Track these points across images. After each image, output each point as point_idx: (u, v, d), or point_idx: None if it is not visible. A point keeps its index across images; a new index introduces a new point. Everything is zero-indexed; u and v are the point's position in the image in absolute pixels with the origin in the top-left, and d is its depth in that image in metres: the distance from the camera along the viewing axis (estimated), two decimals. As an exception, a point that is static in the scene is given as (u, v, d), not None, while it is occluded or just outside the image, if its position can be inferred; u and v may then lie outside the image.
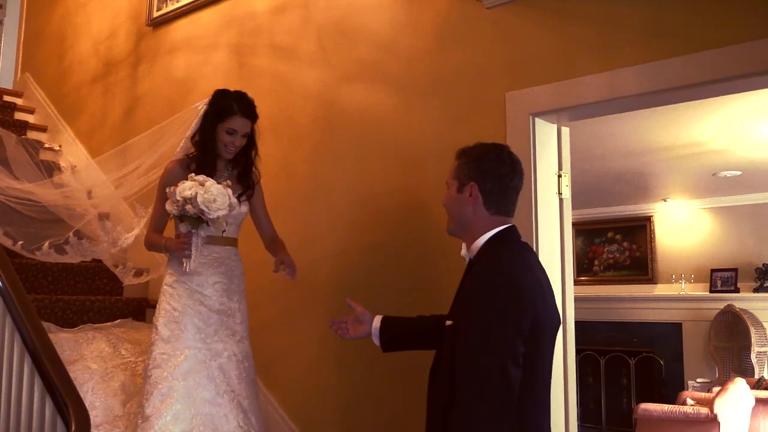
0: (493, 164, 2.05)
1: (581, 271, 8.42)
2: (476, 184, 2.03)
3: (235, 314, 2.92)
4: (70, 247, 3.36)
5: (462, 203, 2.06)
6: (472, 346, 1.83)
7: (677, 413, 4.49)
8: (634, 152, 5.87)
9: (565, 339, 2.74)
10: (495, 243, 2.02)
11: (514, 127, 2.78)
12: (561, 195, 2.84)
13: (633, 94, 2.52)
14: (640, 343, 7.82)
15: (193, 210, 2.65)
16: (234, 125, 2.87)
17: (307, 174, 3.61)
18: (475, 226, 2.04)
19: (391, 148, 3.24)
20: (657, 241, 7.99)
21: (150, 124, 4.64)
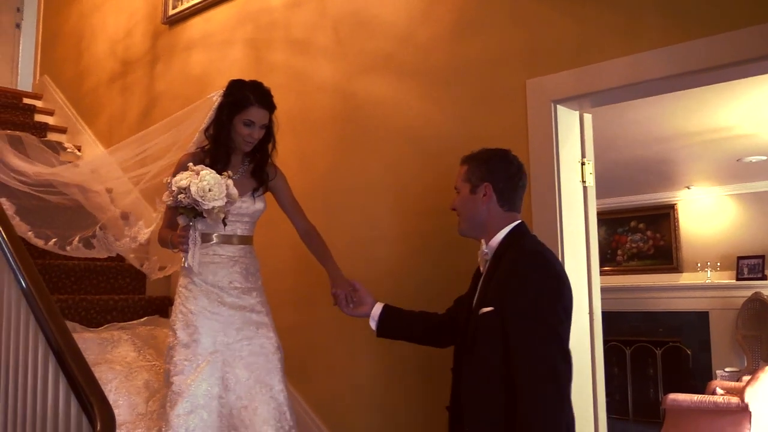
0: (502, 165, 2.25)
1: (604, 261, 8.33)
2: (490, 184, 2.21)
3: (256, 308, 2.82)
4: (96, 241, 3.33)
5: (476, 203, 2.23)
6: (533, 328, 1.96)
7: (707, 403, 4.42)
8: (657, 139, 5.79)
9: (592, 330, 2.71)
10: (517, 235, 2.19)
11: (535, 115, 2.74)
12: (585, 183, 2.80)
13: (656, 78, 2.47)
14: (666, 333, 7.73)
15: (187, 200, 2.52)
16: (252, 116, 2.74)
17: (325, 168, 3.59)
18: (491, 223, 2.21)
19: (410, 139, 3.21)
20: (681, 229, 7.88)
21: (168, 122, 4.66)
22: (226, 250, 2.80)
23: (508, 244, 2.16)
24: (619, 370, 7.93)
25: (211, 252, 2.78)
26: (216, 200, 2.51)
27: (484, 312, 2.08)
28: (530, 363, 1.95)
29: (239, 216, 2.81)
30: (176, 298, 2.80)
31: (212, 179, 2.51)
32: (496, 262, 2.15)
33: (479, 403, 2.08)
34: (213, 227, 2.73)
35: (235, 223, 2.81)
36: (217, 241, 2.79)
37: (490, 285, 2.12)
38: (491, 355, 2.04)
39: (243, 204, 2.79)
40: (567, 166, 2.74)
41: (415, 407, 3.08)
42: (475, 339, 2.11)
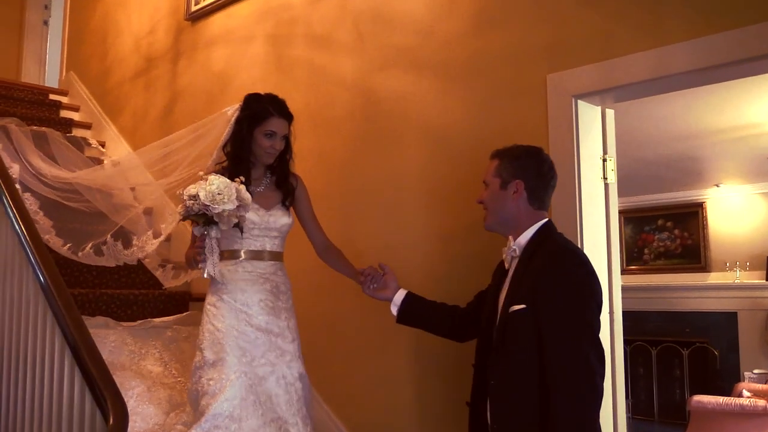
0: (535, 163, 2.24)
1: (631, 260, 8.23)
2: (522, 181, 2.20)
3: (284, 333, 2.72)
4: (106, 249, 3.27)
5: (506, 199, 2.22)
6: (568, 326, 1.97)
7: (733, 405, 4.33)
8: (685, 136, 5.69)
9: (612, 329, 2.65)
10: (546, 233, 2.19)
11: (555, 111, 2.69)
12: (606, 180, 2.75)
13: (682, 72, 2.41)
14: (693, 333, 7.61)
15: (197, 207, 2.46)
16: (273, 127, 2.71)
17: (344, 164, 3.57)
18: (520, 220, 2.21)
19: (430, 136, 3.18)
20: (710, 228, 7.75)
21: (190, 119, 4.67)
22: (255, 266, 2.72)
23: (538, 242, 2.16)
24: (644, 370, 7.84)
25: (240, 269, 2.70)
26: (226, 203, 2.46)
27: (515, 310, 2.07)
28: (565, 361, 1.95)
29: (267, 230, 2.74)
30: (203, 315, 2.73)
31: (221, 183, 2.47)
32: (526, 260, 2.14)
33: (509, 401, 2.08)
34: (237, 240, 2.66)
35: (263, 238, 2.74)
36: (246, 257, 2.71)
37: (521, 283, 2.11)
38: (522, 353, 2.04)
39: (271, 218, 2.73)
40: (588, 162, 2.69)
41: (432, 402, 3.04)
42: (505, 337, 2.10)
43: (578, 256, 2.10)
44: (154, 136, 4.97)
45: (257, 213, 2.70)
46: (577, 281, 2.03)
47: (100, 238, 3.31)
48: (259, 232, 2.72)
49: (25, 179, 3.44)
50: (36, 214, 3.36)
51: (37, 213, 3.42)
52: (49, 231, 3.40)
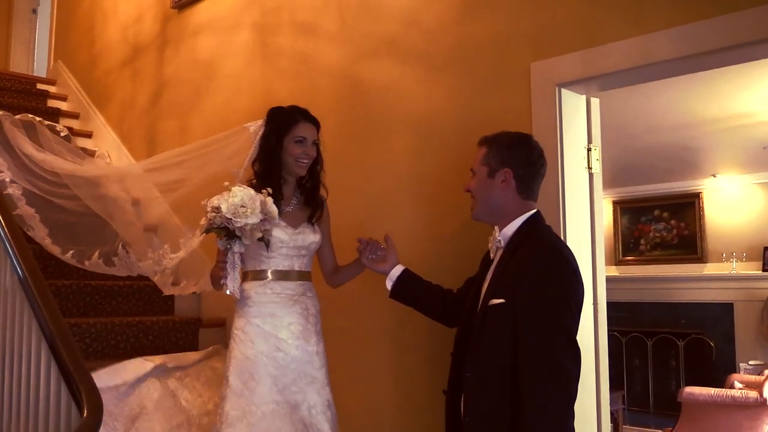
0: (524, 151, 2.20)
1: (627, 251, 8.22)
2: (510, 170, 2.16)
3: (314, 359, 2.60)
4: (118, 260, 3.16)
5: (494, 188, 2.18)
6: (545, 325, 1.94)
7: (724, 397, 4.34)
8: (679, 125, 5.68)
9: (596, 321, 2.65)
10: (533, 226, 2.15)
11: (539, 99, 2.68)
12: (591, 170, 2.74)
13: (667, 59, 2.39)
14: (688, 325, 7.61)
15: (220, 220, 2.35)
16: (302, 132, 2.64)
17: (329, 154, 3.53)
18: (508, 210, 2.17)
19: (416, 124, 3.17)
20: (706, 219, 7.73)
21: (175, 109, 4.67)
22: (284, 287, 2.60)
23: (524, 235, 2.13)
24: (640, 361, 7.85)
25: (269, 290, 2.59)
26: (249, 217, 2.34)
27: (495, 303, 2.05)
28: (538, 358, 1.93)
29: (297, 249, 2.64)
30: (231, 341, 2.59)
31: (244, 194, 2.36)
32: (510, 253, 2.12)
33: (482, 396, 2.06)
34: (263, 260, 2.57)
35: (292, 258, 2.63)
36: (274, 278, 2.59)
37: (503, 276, 2.09)
38: (498, 349, 2.02)
39: (299, 236, 2.64)
40: (572, 151, 2.67)
41: (413, 391, 3.04)
42: (483, 329, 2.09)
43: (562, 254, 2.06)
44: (141, 126, 4.99)
45: (285, 231, 2.60)
46: (558, 280, 2.00)
47: (109, 248, 3.19)
48: (288, 251, 2.60)
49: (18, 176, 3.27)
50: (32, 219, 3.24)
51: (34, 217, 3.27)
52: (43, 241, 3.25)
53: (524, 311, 1.97)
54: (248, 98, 4.11)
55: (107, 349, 3.44)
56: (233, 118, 4.21)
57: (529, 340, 1.95)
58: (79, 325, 3.38)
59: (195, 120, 4.52)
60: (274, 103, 3.88)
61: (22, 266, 2.63)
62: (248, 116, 4.05)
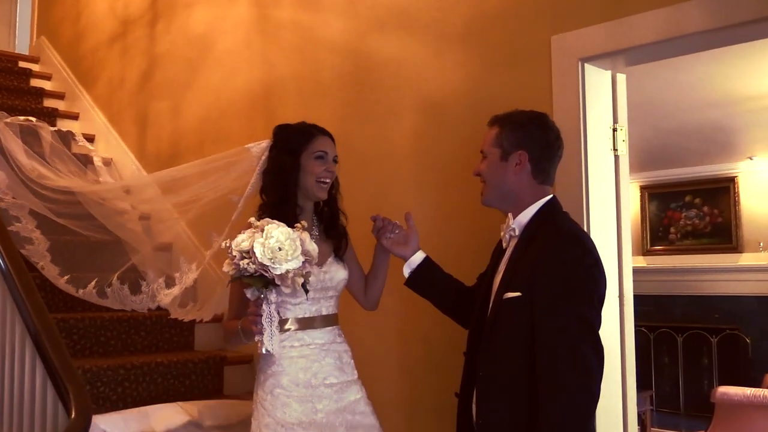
0: (540, 131, 2.16)
1: (655, 240, 8.20)
2: (526, 152, 2.12)
3: (360, 406, 2.45)
4: (111, 291, 3.06)
5: (507, 172, 2.14)
6: (565, 319, 1.92)
7: (761, 398, 4.32)
8: (713, 103, 5.64)
9: (623, 315, 2.65)
10: (550, 212, 2.13)
11: (561, 76, 2.67)
12: (616, 151, 2.73)
13: (700, 31, 2.37)
14: (722, 320, 7.58)
15: (253, 266, 2.10)
16: (322, 146, 2.45)
17: (333, 132, 3.53)
18: (523, 195, 2.14)
19: (425, 102, 3.16)
20: (742, 205, 7.69)
21: (169, 87, 4.68)
22: (312, 336, 2.40)
23: (540, 222, 2.10)
24: (669, 359, 7.84)
25: (296, 342, 2.38)
26: (290, 261, 2.11)
27: (510, 297, 2.03)
28: (558, 355, 1.91)
29: (323, 290, 2.44)
30: (256, 407, 2.38)
31: (282, 234, 2.12)
32: (525, 242, 2.09)
33: (496, 397, 2.05)
34: (288, 307, 2.36)
35: (319, 301, 2.43)
36: (298, 327, 2.38)
37: (518, 267, 2.06)
38: (514, 344, 2.00)
39: (326, 274, 2.44)
40: (596, 132, 2.66)
41: (422, 393, 3.05)
42: (497, 324, 2.07)
43: (583, 243, 2.03)
44: (132, 106, 4.99)
45: (314, 271, 2.37)
46: (579, 271, 1.97)
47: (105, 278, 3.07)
48: (314, 293, 2.39)
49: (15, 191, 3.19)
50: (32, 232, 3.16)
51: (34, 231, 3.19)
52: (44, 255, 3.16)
53: (542, 304, 1.95)
54: (246, 76, 4.11)
55: (120, 394, 3.31)
56: (230, 97, 4.22)
57: (547, 335, 1.93)
58: (88, 369, 3.20)
59: (189, 100, 4.52)
60: (274, 81, 3.91)
61: (3, 256, 2.64)
62: (247, 96, 4.09)
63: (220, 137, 4.30)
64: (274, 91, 3.94)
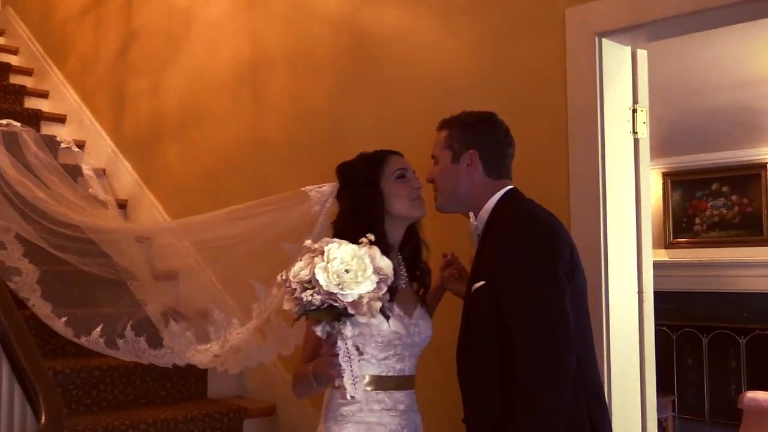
0: (488, 129, 2.29)
1: (679, 232, 8.21)
2: (476, 151, 2.24)
3: None
4: (123, 342, 2.87)
5: (459, 174, 2.27)
6: (525, 297, 2.01)
7: (793, 403, 4.35)
8: (743, 83, 5.65)
9: (642, 313, 2.66)
10: (506, 200, 2.23)
11: (576, 51, 2.66)
12: (636, 134, 2.73)
13: (727, 4, 2.37)
14: (752, 318, 7.61)
15: (320, 297, 1.92)
16: (399, 164, 2.37)
17: (328, 114, 3.57)
18: (478, 194, 2.26)
19: (428, 79, 3.17)
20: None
21: (148, 62, 4.68)
22: (394, 399, 2.26)
23: (499, 210, 2.20)
24: (693, 361, 7.86)
25: (376, 405, 2.24)
26: (361, 283, 1.92)
27: (476, 288, 2.11)
28: (524, 337, 1.98)
29: (412, 347, 2.31)
30: None
31: (346, 253, 1.94)
32: (486, 232, 2.20)
33: (477, 393, 2.12)
34: (370, 363, 2.21)
35: (404, 359, 2.30)
36: (377, 387, 2.23)
37: (482, 257, 2.16)
38: (486, 335, 2.07)
39: (416, 327, 2.32)
40: (614, 113, 2.66)
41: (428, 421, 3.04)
42: (469, 321, 2.15)
43: (537, 216, 2.14)
44: (107, 83, 5.00)
45: (402, 321, 2.27)
46: (534, 246, 2.06)
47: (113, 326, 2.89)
48: (402, 348, 2.27)
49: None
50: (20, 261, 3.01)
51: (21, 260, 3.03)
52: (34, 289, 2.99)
53: (503, 288, 2.04)
54: (233, 50, 4.11)
55: (95, 398, 3.27)
56: (215, 73, 4.22)
57: (513, 319, 2.01)
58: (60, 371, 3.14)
59: (171, 77, 4.53)
60: (263, 56, 3.91)
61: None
62: (233, 72, 4.09)
63: (204, 117, 4.30)
64: (263, 67, 3.94)
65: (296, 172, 3.54)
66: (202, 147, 4.34)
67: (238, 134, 4.10)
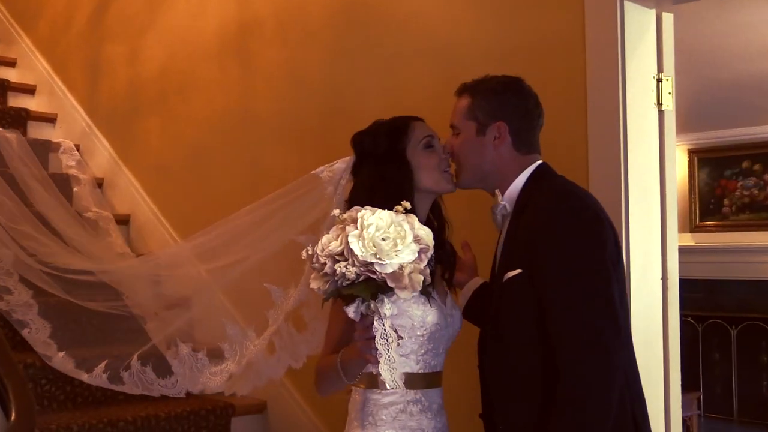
0: (518, 98, 2.25)
1: (706, 214, 8.21)
2: (505, 122, 2.20)
3: None
4: (128, 375, 2.93)
5: (485, 147, 2.22)
6: (573, 291, 1.98)
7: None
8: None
9: (666, 301, 2.68)
10: (538, 177, 2.20)
11: (595, 15, 2.66)
12: (661, 106, 2.73)
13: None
14: (785, 309, 7.65)
15: (355, 269, 1.85)
16: (425, 131, 2.31)
17: (322, 83, 3.57)
18: (506, 169, 2.23)
19: (432, 48, 3.17)
20: (810, 173, 7.74)
21: (125, 27, 4.67)
22: (429, 398, 2.22)
23: (531, 190, 2.17)
24: (721, 355, 7.89)
25: (414, 407, 2.20)
26: (401, 252, 1.85)
27: (510, 277, 2.07)
28: (569, 333, 1.96)
29: (447, 339, 2.27)
30: None
31: (381, 219, 1.87)
32: (518, 214, 2.15)
33: (510, 392, 2.09)
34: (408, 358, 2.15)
35: (438, 353, 2.25)
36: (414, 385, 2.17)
37: (515, 243, 2.11)
38: (523, 327, 2.05)
39: (450, 318, 2.27)
40: (637, 83, 2.66)
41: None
42: (501, 313, 2.11)
43: (580, 199, 2.11)
44: (80, 51, 4.99)
45: (441, 311, 2.22)
46: (580, 232, 2.03)
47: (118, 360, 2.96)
48: (439, 342, 2.23)
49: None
50: None
51: None
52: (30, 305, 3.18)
53: (545, 279, 2.01)
54: (218, 13, 4.10)
55: (68, 393, 3.31)
56: (198, 39, 4.22)
57: (556, 313, 1.99)
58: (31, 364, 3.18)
59: (150, 43, 4.52)
60: (251, 19, 3.91)
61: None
62: (218, 38, 4.08)
63: (187, 87, 4.30)
64: (251, 32, 3.93)
65: (289, 147, 3.55)
66: (185, 120, 4.34)
67: (224, 106, 4.10)
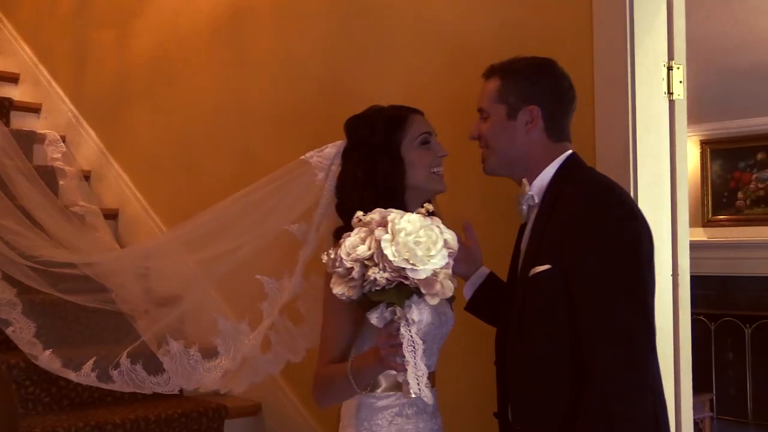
0: (551, 81, 2.24)
1: (719, 208, 8.22)
2: (538, 107, 2.19)
3: None
4: (118, 374, 2.92)
5: (516, 132, 2.21)
6: (608, 291, 1.97)
7: None
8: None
9: (676, 298, 2.66)
10: (572, 169, 2.19)
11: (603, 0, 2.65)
12: (672, 95, 2.71)
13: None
14: (801, 307, 7.66)
15: (386, 274, 1.85)
16: (424, 127, 2.34)
17: (320, 74, 3.57)
18: (536, 157, 2.21)
19: (434, 34, 3.16)
20: (827, 165, 7.74)
21: (112, 13, 4.67)
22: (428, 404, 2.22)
23: (563, 182, 2.15)
24: (735, 355, 7.91)
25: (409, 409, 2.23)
26: (435, 257, 1.87)
27: (538, 272, 2.06)
28: (601, 329, 1.96)
29: (440, 338, 2.31)
30: None
31: (411, 223, 1.87)
32: (548, 206, 2.14)
33: (534, 390, 2.09)
34: None
35: (434, 352, 2.29)
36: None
37: (545, 235, 2.10)
38: (550, 326, 2.04)
39: (444, 316, 2.29)
40: (647, 71, 2.64)
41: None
42: (526, 310, 2.10)
43: (618, 195, 2.10)
44: (65, 37, 5.00)
45: (435, 309, 2.14)
46: (616, 228, 2.02)
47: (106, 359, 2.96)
48: (433, 341, 2.25)
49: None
50: None
51: None
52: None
53: (579, 276, 2.00)
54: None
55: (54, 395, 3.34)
56: (189, 25, 4.22)
57: (589, 311, 1.98)
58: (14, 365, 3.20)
59: (139, 29, 4.53)
60: (244, 5, 3.90)
61: None
62: (209, 24, 4.08)
63: (177, 75, 4.30)
64: (244, 18, 3.93)
65: (283, 138, 3.54)
66: (176, 111, 4.34)
67: (216, 96, 4.10)
